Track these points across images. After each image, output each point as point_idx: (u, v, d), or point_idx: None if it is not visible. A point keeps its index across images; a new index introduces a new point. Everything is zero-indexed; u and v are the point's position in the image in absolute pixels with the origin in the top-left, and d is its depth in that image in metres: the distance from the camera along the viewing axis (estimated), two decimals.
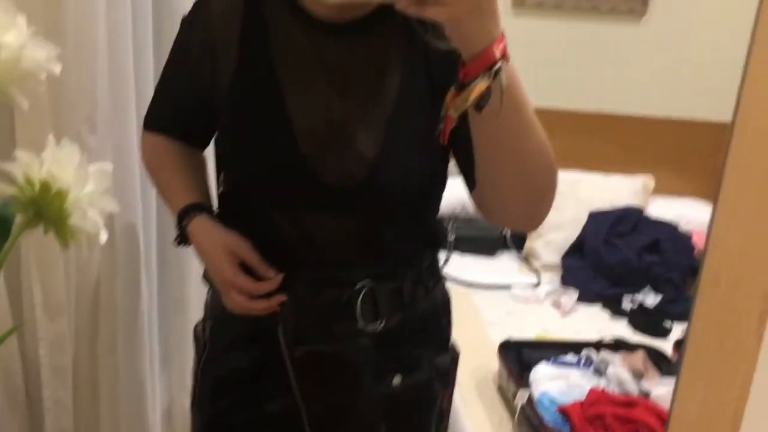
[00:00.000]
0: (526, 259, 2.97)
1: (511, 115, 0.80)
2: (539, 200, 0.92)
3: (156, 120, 1.20)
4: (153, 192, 1.61)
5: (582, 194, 2.97)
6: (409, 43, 1.01)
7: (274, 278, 1.05)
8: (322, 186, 0.99)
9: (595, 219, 2.83)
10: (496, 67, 0.75)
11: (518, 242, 3.03)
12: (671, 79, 3.18)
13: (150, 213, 1.69)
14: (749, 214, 0.54)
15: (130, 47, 1.51)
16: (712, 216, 0.57)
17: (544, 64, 3.12)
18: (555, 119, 2.78)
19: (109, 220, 1.49)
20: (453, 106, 0.77)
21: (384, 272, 1.06)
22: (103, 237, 0.84)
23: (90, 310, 1.54)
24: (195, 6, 1.09)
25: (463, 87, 0.76)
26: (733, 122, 0.54)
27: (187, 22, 1.10)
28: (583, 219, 2.87)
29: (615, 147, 3.20)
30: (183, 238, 1.13)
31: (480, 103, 0.76)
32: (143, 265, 1.63)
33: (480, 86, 0.75)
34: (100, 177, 0.84)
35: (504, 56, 0.76)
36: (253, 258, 1.05)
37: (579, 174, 3.04)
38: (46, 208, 0.79)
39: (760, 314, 0.55)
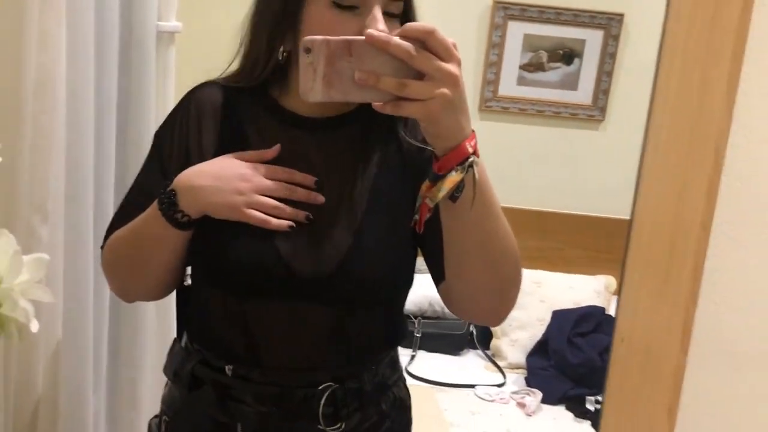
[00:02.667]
0: (492, 358, 2.95)
1: (482, 209, 0.85)
2: (505, 293, 0.96)
3: (122, 224, 1.08)
4: (105, 287, 1.59)
5: (546, 294, 2.99)
6: (386, 138, 1.05)
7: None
8: (294, 277, 0.99)
9: (559, 318, 2.84)
10: (470, 160, 0.80)
11: (484, 341, 3.02)
12: (630, 183, 3.26)
13: (103, 307, 1.67)
14: (650, 304, 0.57)
15: (92, 140, 1.54)
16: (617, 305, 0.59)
17: (508, 165, 3.21)
18: (519, 219, 2.84)
19: (54, 313, 1.47)
20: (429, 196, 0.82)
21: (347, 373, 1.05)
22: (35, 327, 0.83)
23: (30, 410, 1.49)
24: (172, 111, 1.11)
25: (437, 179, 0.81)
26: (631, 220, 0.57)
27: (160, 134, 1.10)
28: (548, 318, 2.88)
29: (578, 248, 3.25)
30: (171, 200, 0.99)
31: (454, 194, 0.81)
32: (91, 360, 1.60)
33: (453, 178, 0.80)
34: (36, 266, 0.84)
35: (475, 152, 0.81)
36: (253, 153, 1.01)
37: (544, 274, 3.06)
38: None
39: (669, 406, 0.56)
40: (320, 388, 1.03)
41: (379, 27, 0.91)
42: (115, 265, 1.10)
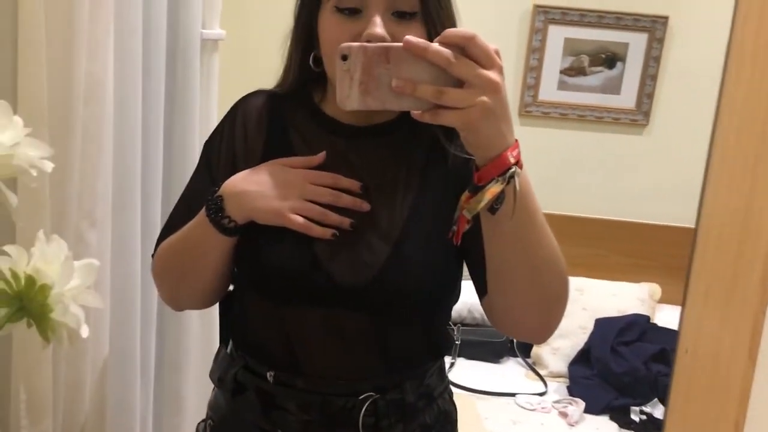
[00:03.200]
0: (533, 367, 2.91)
1: (524, 221, 0.82)
2: (551, 309, 0.93)
3: (170, 232, 1.10)
4: (153, 291, 1.61)
5: (589, 301, 2.94)
6: (430, 147, 1.03)
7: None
8: (331, 284, 0.99)
9: (602, 326, 2.79)
10: (511, 171, 0.77)
11: (525, 349, 2.98)
12: (676, 188, 3.21)
13: (150, 313, 1.69)
14: (716, 314, 0.55)
15: (139, 146, 1.56)
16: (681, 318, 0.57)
17: (549, 171, 3.17)
18: (561, 226, 2.80)
19: (102, 319, 1.49)
20: (467, 208, 0.79)
21: (389, 384, 1.04)
22: (85, 332, 0.84)
23: (79, 415, 1.51)
24: (221, 121, 1.12)
25: (477, 190, 0.79)
26: (696, 229, 0.55)
27: (209, 144, 1.12)
28: (590, 326, 2.83)
29: (621, 254, 3.20)
30: (218, 206, 1.00)
31: (494, 206, 0.78)
32: (138, 365, 1.62)
33: (494, 189, 0.77)
34: (86, 272, 0.85)
35: (518, 162, 0.78)
36: (299, 159, 1.02)
37: (586, 281, 3.01)
38: (30, 303, 0.80)
39: (736, 420, 0.54)
40: (361, 398, 1.02)
41: (376, 31, 0.91)
42: (164, 273, 1.11)
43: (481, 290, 0.98)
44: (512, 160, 0.77)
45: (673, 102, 3.17)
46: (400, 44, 0.73)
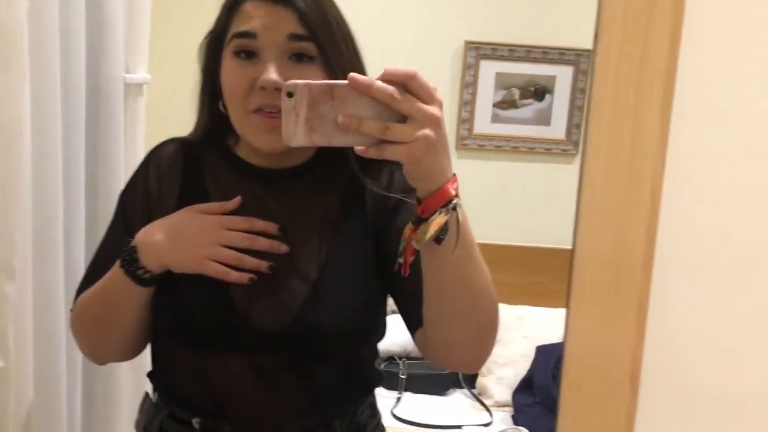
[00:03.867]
0: (479, 397, 2.92)
1: (464, 250, 0.84)
2: (485, 337, 0.95)
3: (87, 288, 1.08)
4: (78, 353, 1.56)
5: (529, 329, 2.97)
6: (346, 185, 1.04)
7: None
8: (250, 329, 0.99)
9: (543, 353, 2.82)
10: (453, 203, 0.80)
11: (470, 380, 2.98)
12: None
13: (75, 363, 1.65)
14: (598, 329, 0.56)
15: (60, 196, 1.53)
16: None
17: (487, 201, 3.22)
18: (499, 255, 2.82)
19: (25, 375, 1.44)
20: (415, 239, 0.81)
21: (317, 424, 1.03)
22: None
23: None
24: (132, 177, 1.12)
25: (420, 222, 0.81)
26: (573, 247, 0.57)
27: (124, 194, 1.11)
28: (532, 354, 2.86)
29: (559, 281, 3.24)
30: (133, 257, 0.99)
31: (439, 237, 0.80)
32: (65, 421, 1.57)
33: (439, 220, 0.79)
34: None
35: (457, 194, 0.81)
36: (213, 205, 1.02)
37: (526, 309, 3.05)
38: None
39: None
40: None
41: (270, 78, 0.93)
42: (83, 327, 1.09)
43: (414, 324, 0.99)
44: (453, 192, 0.80)
45: None
46: (345, 81, 0.75)
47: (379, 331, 1.09)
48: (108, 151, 1.68)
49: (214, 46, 1.02)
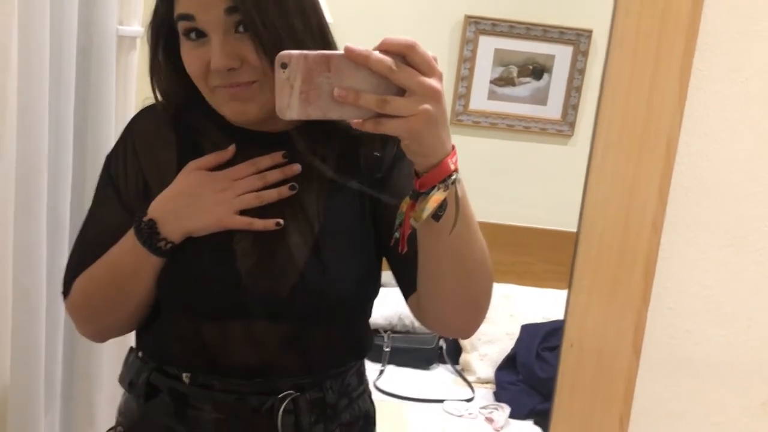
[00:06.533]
0: (461, 373, 2.92)
1: (463, 225, 0.82)
2: (480, 307, 0.95)
3: (86, 265, 1.05)
4: (59, 299, 1.53)
5: (516, 308, 2.98)
6: (342, 147, 1.03)
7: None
8: (251, 296, 0.98)
9: (527, 332, 2.83)
10: (453, 178, 0.77)
11: (454, 355, 2.99)
12: None
13: (57, 322, 1.62)
14: (601, 307, 0.55)
15: (45, 150, 1.50)
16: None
17: (479, 179, 3.20)
18: (489, 234, 2.82)
19: (3, 328, 1.42)
20: (413, 216, 0.79)
21: (308, 382, 1.03)
22: None
23: None
24: (119, 141, 1.09)
25: (418, 196, 0.79)
26: (579, 221, 0.56)
27: (110, 166, 1.08)
28: (517, 332, 2.86)
29: (548, 262, 3.25)
30: (153, 229, 0.98)
31: (437, 213, 0.79)
32: (42, 375, 1.55)
33: (437, 197, 0.77)
34: None
35: (456, 168, 0.78)
36: (209, 157, 1.01)
37: (513, 288, 3.05)
38: None
39: (621, 414, 0.54)
40: (280, 396, 1.01)
41: (218, 62, 0.91)
42: (88, 309, 1.07)
43: (408, 289, 0.99)
44: (452, 167, 0.78)
45: None
46: (342, 52, 0.72)
47: (375, 293, 1.08)
48: (99, 105, 1.64)
49: (156, 33, 1.01)
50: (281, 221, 0.99)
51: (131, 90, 1.75)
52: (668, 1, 0.52)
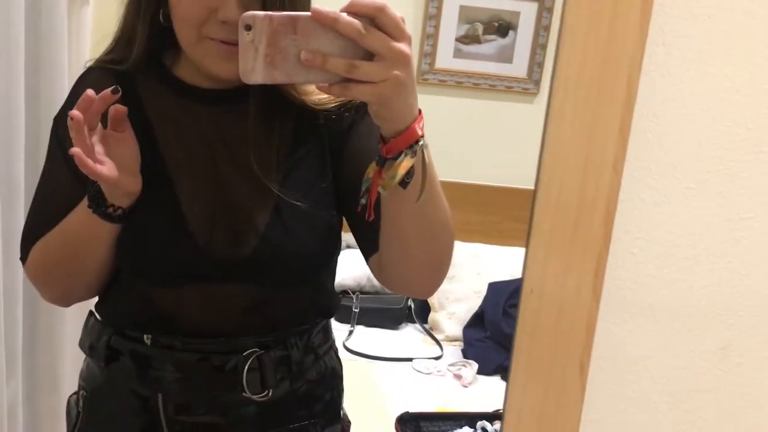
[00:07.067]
0: (430, 332, 2.95)
1: (428, 190, 0.82)
2: (442, 267, 0.96)
3: (41, 231, 1.03)
4: (16, 268, 1.49)
5: (483, 266, 3.00)
6: (297, 109, 1.00)
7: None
8: (210, 260, 0.97)
9: (494, 290, 2.86)
10: (420, 143, 0.76)
11: (422, 315, 3.02)
12: None
13: (15, 287, 1.58)
14: (560, 254, 0.54)
15: None
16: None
17: (446, 138, 3.18)
18: (456, 193, 2.82)
19: None
20: (381, 184, 0.78)
21: (272, 340, 1.02)
22: None
23: None
24: (65, 103, 1.05)
25: (384, 162, 0.78)
26: (538, 168, 0.55)
27: (58, 128, 1.04)
28: (484, 290, 2.89)
29: (514, 221, 3.27)
30: (98, 196, 0.95)
31: (405, 180, 0.78)
32: (3, 351, 1.51)
33: (406, 164, 0.76)
34: None
35: (423, 134, 0.77)
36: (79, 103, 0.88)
37: (480, 246, 3.07)
38: None
39: (581, 360, 0.54)
40: (244, 354, 1.00)
41: (233, 12, 0.88)
42: (48, 274, 1.05)
43: (369, 250, 0.98)
44: (419, 132, 0.77)
45: None
46: (308, 14, 0.69)
47: (337, 251, 1.08)
48: (51, 63, 1.58)
49: None
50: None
51: (85, 46, 1.69)
52: None
